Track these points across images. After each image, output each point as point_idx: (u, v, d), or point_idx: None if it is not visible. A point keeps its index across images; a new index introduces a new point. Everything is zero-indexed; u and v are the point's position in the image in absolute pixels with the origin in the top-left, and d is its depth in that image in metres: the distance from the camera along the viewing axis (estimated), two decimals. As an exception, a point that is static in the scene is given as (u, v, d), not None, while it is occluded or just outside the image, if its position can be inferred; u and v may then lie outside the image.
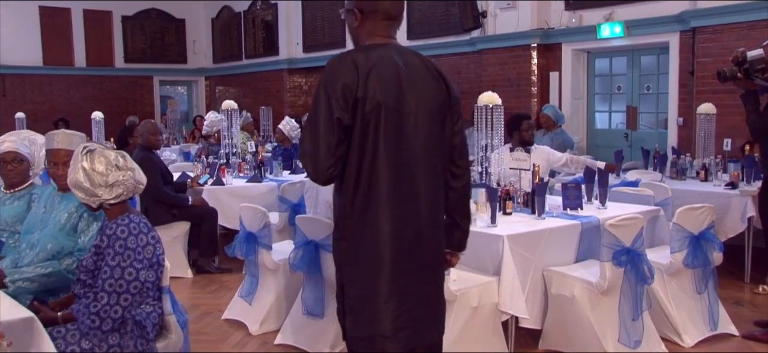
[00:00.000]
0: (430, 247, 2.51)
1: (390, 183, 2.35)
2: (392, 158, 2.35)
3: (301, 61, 14.02)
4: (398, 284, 2.40)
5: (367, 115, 2.31)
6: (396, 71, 2.39)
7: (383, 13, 2.47)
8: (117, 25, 15.68)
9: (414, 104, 2.42)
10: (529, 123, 6.01)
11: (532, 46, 9.57)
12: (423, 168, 2.45)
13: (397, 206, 2.37)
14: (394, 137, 2.36)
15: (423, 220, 2.45)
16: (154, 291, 2.97)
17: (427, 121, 2.45)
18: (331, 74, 2.32)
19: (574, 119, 9.54)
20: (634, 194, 5.31)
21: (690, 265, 4.36)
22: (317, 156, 2.28)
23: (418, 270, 2.46)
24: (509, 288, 3.98)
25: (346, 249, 2.43)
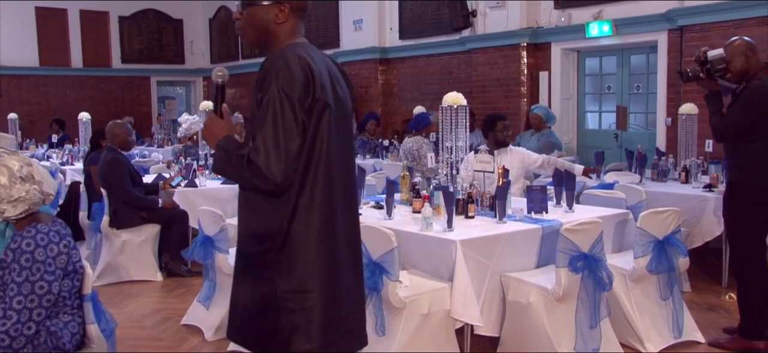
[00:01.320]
0: (357, 253, 2.51)
1: (331, 185, 2.29)
2: (332, 164, 2.29)
3: (296, 61, 13.93)
4: (335, 287, 2.34)
5: (319, 117, 2.23)
6: (328, 72, 2.33)
7: (305, 9, 2.39)
8: (114, 26, 15.68)
9: (343, 104, 2.38)
10: (505, 124, 5.90)
11: (521, 45, 9.44)
12: (352, 173, 2.46)
13: (346, 207, 2.37)
14: (335, 139, 2.30)
15: (354, 223, 2.47)
16: (73, 300, 2.87)
17: (348, 122, 2.44)
18: (291, 76, 2.14)
19: (564, 120, 9.40)
20: (605, 197, 5.18)
21: (654, 271, 4.23)
22: (288, 162, 2.12)
23: (350, 272, 2.42)
24: (462, 294, 3.87)
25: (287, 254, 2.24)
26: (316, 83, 2.19)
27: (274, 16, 2.31)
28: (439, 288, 3.92)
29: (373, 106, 11.72)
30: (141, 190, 6.15)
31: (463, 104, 4.91)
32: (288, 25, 2.33)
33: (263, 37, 2.35)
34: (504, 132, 5.86)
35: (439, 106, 5.03)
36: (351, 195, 2.45)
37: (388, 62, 11.86)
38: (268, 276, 2.25)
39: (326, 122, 2.24)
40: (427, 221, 4.17)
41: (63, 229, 2.88)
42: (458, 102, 4.89)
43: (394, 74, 11.90)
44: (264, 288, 2.26)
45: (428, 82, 11.26)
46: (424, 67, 11.32)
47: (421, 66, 11.38)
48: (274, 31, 2.33)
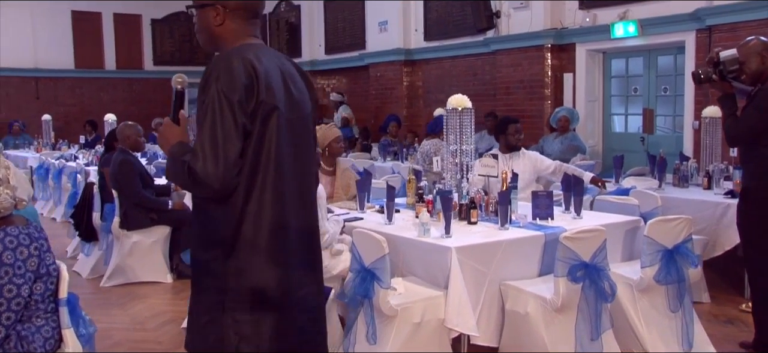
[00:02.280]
0: (317, 258, 2.44)
1: (280, 195, 2.20)
2: (283, 169, 2.21)
3: (323, 62, 13.94)
4: (291, 298, 2.25)
5: (265, 120, 2.14)
6: (281, 74, 2.24)
7: (250, 10, 2.28)
8: (146, 28, 15.89)
9: (297, 107, 2.29)
10: (516, 127, 5.76)
11: (545, 46, 9.26)
12: (308, 175, 2.37)
13: (302, 213, 2.28)
14: (285, 142, 2.21)
15: (311, 227, 2.38)
16: (47, 304, 2.84)
17: (305, 125, 2.35)
18: (232, 77, 2.08)
19: (589, 123, 9.19)
20: (618, 203, 5.00)
21: (662, 281, 4.06)
22: (227, 166, 2.05)
23: (308, 281, 2.33)
24: (457, 303, 3.75)
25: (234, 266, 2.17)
26: (261, 85, 2.10)
27: (212, 18, 2.26)
28: (434, 296, 3.81)
29: (398, 108, 11.63)
30: (152, 191, 6.16)
31: (468, 107, 4.79)
32: (230, 27, 2.26)
33: (210, 40, 2.32)
34: (515, 135, 5.72)
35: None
36: (309, 200, 2.37)
37: (413, 64, 11.76)
38: (217, 285, 2.19)
39: (274, 126, 2.15)
40: (424, 227, 4.06)
41: (36, 232, 2.85)
42: (463, 104, 4.77)
43: (418, 76, 11.80)
44: (213, 297, 2.20)
45: (453, 84, 11.12)
46: (449, 69, 11.20)
47: (446, 68, 11.26)
48: (218, 34, 2.28)
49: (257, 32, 2.33)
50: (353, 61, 12.90)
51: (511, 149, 5.76)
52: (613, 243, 4.46)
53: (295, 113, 2.27)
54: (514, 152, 5.77)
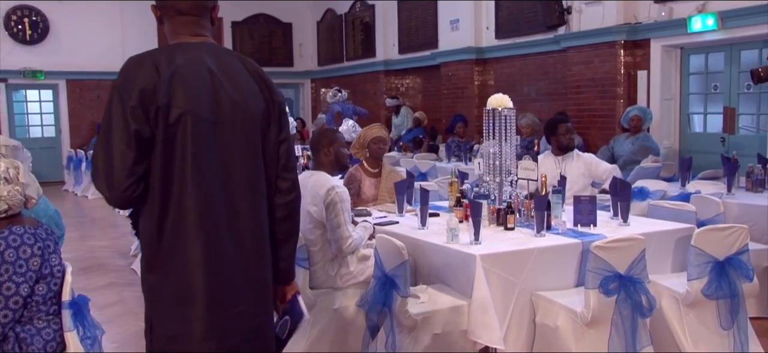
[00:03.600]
0: (256, 276, 2.18)
1: (202, 204, 2.03)
2: (205, 175, 2.04)
3: (397, 62, 13.85)
4: (216, 320, 2.07)
5: (172, 126, 1.99)
6: (206, 75, 2.08)
7: (174, 9, 2.16)
8: (227, 31, 16.25)
9: (230, 111, 2.10)
10: (567, 126, 5.48)
11: (618, 42, 8.82)
12: (244, 185, 2.13)
13: (213, 231, 2.05)
14: (206, 150, 2.04)
15: (245, 245, 2.13)
16: (49, 306, 2.86)
17: (247, 130, 2.14)
18: (127, 78, 2.00)
19: (664, 122, 8.70)
20: (673, 210, 4.67)
21: (711, 295, 3.74)
22: (112, 175, 1.96)
23: (241, 302, 2.13)
24: (481, 313, 3.57)
25: (153, 283, 2.10)
26: (162, 89, 1.97)
27: (156, 17, 2.20)
28: (457, 305, 3.64)
29: (469, 107, 11.39)
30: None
31: (509, 107, 4.57)
32: (168, 25, 2.17)
33: (165, 38, 2.22)
34: (567, 135, 5.44)
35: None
36: (247, 207, 2.15)
37: (484, 63, 11.50)
38: (146, 292, 2.12)
39: (188, 131, 2.00)
40: (452, 232, 3.90)
41: (44, 234, 2.88)
42: (503, 104, 4.55)
43: (490, 75, 11.52)
44: (147, 306, 2.14)
45: (524, 83, 10.82)
46: (520, 68, 10.88)
47: (517, 66, 10.95)
48: (163, 32, 2.20)
49: (200, 30, 2.19)
50: (425, 60, 12.75)
51: (564, 150, 5.48)
52: (662, 253, 4.17)
53: (227, 115, 2.10)
54: (567, 153, 5.49)
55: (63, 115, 15.20)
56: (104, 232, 8.89)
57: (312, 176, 4.17)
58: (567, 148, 5.46)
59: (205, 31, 2.21)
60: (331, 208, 3.91)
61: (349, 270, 4.06)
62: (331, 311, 4.01)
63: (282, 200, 2.27)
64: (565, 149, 5.46)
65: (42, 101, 15.25)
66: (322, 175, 4.12)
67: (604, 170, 5.45)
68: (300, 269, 4.00)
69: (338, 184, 4.07)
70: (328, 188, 3.96)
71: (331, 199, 3.92)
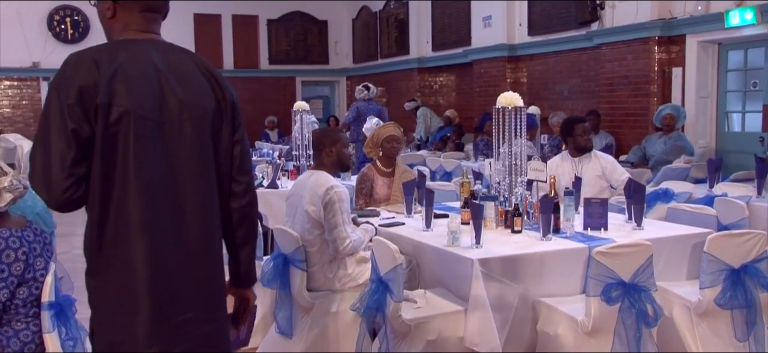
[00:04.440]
0: (205, 281, 2.07)
1: (146, 207, 1.94)
2: (148, 177, 1.95)
3: (430, 59, 13.70)
4: (162, 326, 1.98)
5: (113, 125, 1.90)
6: (152, 72, 1.99)
7: (142, 4, 2.06)
8: (262, 29, 16.32)
9: (177, 110, 2.00)
10: (584, 127, 5.29)
11: (652, 38, 8.53)
12: (192, 187, 2.03)
13: (157, 234, 1.96)
14: (151, 151, 1.96)
15: (193, 249, 2.03)
16: (28, 308, 2.83)
17: (197, 130, 2.04)
18: (65, 76, 1.91)
19: (700, 121, 8.38)
20: (692, 213, 4.45)
21: (724, 305, 3.54)
22: (49, 177, 1.88)
23: (189, 308, 2.03)
24: (478, 319, 3.45)
25: (95, 287, 2.00)
26: (103, 86, 1.88)
27: (105, 10, 2.08)
28: (453, 311, 3.52)
29: (501, 106, 11.18)
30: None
31: (520, 105, 4.41)
32: (121, 20, 2.06)
33: (106, 33, 2.12)
34: (584, 136, 5.25)
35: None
36: (196, 210, 2.04)
37: (517, 60, 11.28)
38: (89, 297, 2.02)
39: (129, 130, 1.91)
40: (453, 235, 3.77)
41: (32, 235, 2.85)
42: (513, 103, 4.39)
43: (522, 72, 11.30)
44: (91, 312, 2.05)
45: (557, 80, 10.57)
46: (553, 65, 10.64)
47: (549, 63, 10.71)
48: (109, 27, 2.09)
49: (153, 27, 2.10)
50: (458, 57, 12.57)
51: (581, 152, 5.29)
52: (677, 259, 3.99)
53: (174, 115, 2.00)
54: (584, 154, 5.30)
55: (102, 113, 15.47)
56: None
57: (312, 175, 4.09)
58: (584, 149, 5.27)
59: (157, 28, 2.12)
60: (329, 207, 3.83)
61: (347, 272, 3.97)
62: (329, 314, 3.93)
63: (237, 204, 2.18)
64: (582, 149, 5.27)
65: (82, 99, 15.55)
66: (322, 174, 4.04)
67: (621, 174, 5.22)
68: (297, 271, 3.93)
69: (338, 183, 3.98)
70: (326, 187, 3.89)
71: (330, 198, 3.84)
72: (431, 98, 14.04)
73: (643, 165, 7.71)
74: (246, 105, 16.09)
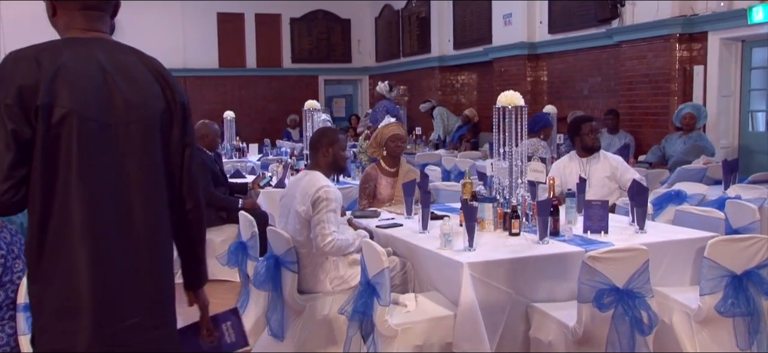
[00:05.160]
0: (152, 287, 2.02)
1: (89, 210, 1.88)
2: (92, 180, 1.89)
3: (452, 58, 13.58)
4: (104, 333, 1.92)
5: (54, 127, 1.84)
6: (98, 73, 1.93)
7: (81, 3, 1.99)
8: (285, 27, 16.32)
9: (124, 112, 1.95)
10: (591, 126, 5.16)
11: (673, 36, 8.32)
12: (139, 190, 1.98)
13: (100, 238, 1.90)
14: (95, 153, 1.90)
15: (140, 253, 1.98)
16: (5, 311, 2.82)
17: (145, 133, 1.99)
18: (4, 75, 1.84)
19: (722, 120, 8.15)
20: (700, 216, 4.31)
21: (725, 313, 3.40)
22: None
23: (134, 314, 1.97)
24: (468, 324, 3.36)
25: (36, 293, 1.94)
26: (44, 86, 1.82)
27: (47, 9, 2.03)
28: (442, 316, 3.44)
29: (521, 104, 11.03)
30: (225, 190, 6.20)
31: (520, 105, 4.30)
32: (62, 18, 2.01)
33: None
34: (591, 135, 5.12)
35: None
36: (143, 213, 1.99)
37: (537, 58, 11.11)
38: (30, 303, 1.97)
39: (72, 132, 1.85)
40: (445, 237, 3.69)
41: (9, 235, 2.85)
42: (514, 102, 4.29)
43: (542, 71, 11.13)
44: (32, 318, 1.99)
45: (576, 78, 10.40)
46: (573, 63, 10.46)
47: (569, 62, 10.53)
48: (54, 26, 2.04)
49: (98, 25, 2.03)
50: (479, 56, 12.44)
51: (588, 152, 5.16)
52: (681, 264, 3.87)
53: (120, 117, 1.94)
54: (592, 154, 5.17)
55: (126, 111, 15.61)
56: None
57: (306, 175, 4.04)
58: (591, 149, 5.14)
59: (104, 27, 2.05)
60: (317, 204, 3.78)
61: (339, 274, 3.91)
62: (320, 316, 3.87)
63: (187, 206, 2.14)
64: (590, 149, 5.14)
65: (107, 98, 15.71)
66: (316, 175, 3.99)
67: (631, 177, 5.07)
68: (289, 272, 3.89)
69: (330, 184, 3.92)
70: (318, 186, 3.84)
71: (318, 196, 3.79)
72: (452, 96, 13.93)
73: (662, 165, 7.53)
74: (269, 104, 16.20)
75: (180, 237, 2.16)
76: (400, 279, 3.94)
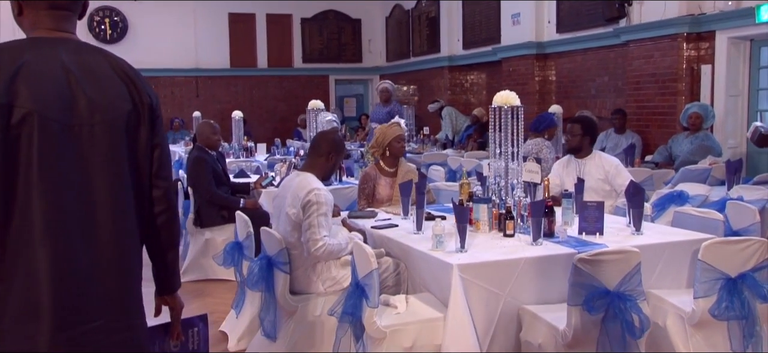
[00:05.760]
0: (117, 289, 1.99)
1: (51, 212, 1.86)
2: (54, 181, 1.87)
3: (461, 58, 13.55)
4: (65, 336, 1.89)
5: (14, 127, 1.82)
6: (61, 73, 1.90)
7: (49, 2, 1.98)
8: (296, 27, 16.36)
9: (88, 113, 1.92)
10: (569, 127, 5.23)
11: (680, 35, 8.24)
12: (104, 192, 1.95)
13: (63, 241, 1.88)
14: (57, 154, 1.87)
15: (104, 255, 1.95)
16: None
17: (110, 134, 1.96)
18: None
19: (730, 120, 8.06)
20: (699, 218, 4.26)
21: (720, 316, 3.36)
22: None
23: (98, 316, 1.94)
24: (458, 327, 3.34)
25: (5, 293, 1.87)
26: (4, 86, 1.80)
27: (13, 8, 2.02)
28: (432, 318, 3.42)
29: (529, 104, 10.93)
30: (227, 190, 6.22)
31: (517, 105, 4.27)
32: (28, 17, 2.00)
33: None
34: (566, 136, 5.16)
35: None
36: (108, 216, 1.96)
37: (545, 58, 11.06)
38: None
39: (33, 133, 1.83)
40: (437, 239, 3.68)
41: None
42: (510, 102, 4.26)
43: (551, 71, 11.07)
44: None
45: (585, 77, 10.33)
46: (581, 63, 10.40)
47: (578, 61, 10.47)
48: (20, 25, 2.03)
49: (64, 25, 2.02)
50: (487, 55, 12.40)
51: (572, 152, 5.17)
52: (677, 266, 3.83)
53: (84, 118, 1.92)
54: (589, 155, 5.13)
55: (138, 111, 15.69)
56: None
57: (298, 176, 4.03)
58: (571, 149, 5.15)
59: (71, 27, 2.04)
60: (307, 208, 3.78)
61: (331, 275, 3.90)
62: (312, 317, 3.87)
63: (157, 209, 2.12)
64: (570, 150, 5.17)
65: (119, 98, 15.79)
66: (308, 177, 3.98)
67: (623, 182, 4.96)
68: (281, 273, 3.89)
69: (321, 187, 3.91)
70: (309, 189, 3.83)
71: (309, 199, 3.78)
72: (462, 96, 13.89)
73: (668, 166, 7.46)
74: (279, 103, 16.23)
75: (151, 241, 2.15)
76: (394, 280, 3.93)
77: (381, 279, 3.79)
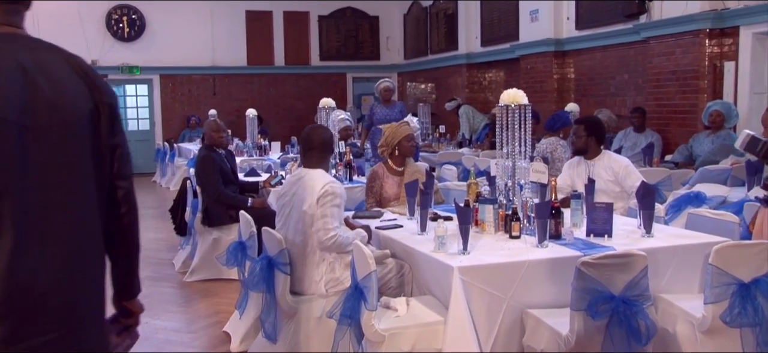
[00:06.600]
0: (77, 298, 1.87)
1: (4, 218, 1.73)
2: (9, 186, 1.74)
3: (479, 55, 13.40)
4: (18, 349, 1.76)
5: None
6: (17, 73, 1.78)
7: None
8: (313, 25, 16.32)
9: (47, 114, 1.80)
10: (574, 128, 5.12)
11: (703, 31, 8.03)
12: (62, 196, 1.83)
13: (16, 248, 1.74)
14: (12, 157, 1.75)
15: (63, 264, 1.83)
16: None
17: (69, 135, 1.85)
18: None
19: (754, 118, 7.81)
20: (714, 220, 4.10)
21: (731, 323, 3.22)
22: None
23: (53, 328, 1.81)
24: (458, 331, 3.24)
25: None
26: None
27: None
28: (432, 322, 3.33)
29: (547, 102, 10.80)
30: (235, 189, 6.16)
31: (524, 104, 4.15)
32: None
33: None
34: (572, 137, 5.04)
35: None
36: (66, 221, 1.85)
37: (564, 55, 10.88)
38: None
39: None
40: (439, 240, 3.58)
41: None
42: (517, 100, 4.14)
43: (569, 68, 10.89)
44: None
45: (605, 75, 10.14)
46: (601, 60, 10.20)
47: (597, 58, 10.28)
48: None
49: (14, 20, 1.88)
50: (505, 53, 12.24)
51: (578, 153, 5.06)
52: (689, 270, 3.69)
53: (42, 119, 1.80)
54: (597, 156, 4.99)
55: (156, 109, 15.75)
56: (167, 224, 9.02)
57: (307, 173, 3.97)
58: (577, 151, 5.04)
59: (20, 21, 1.90)
60: (322, 199, 3.78)
61: (334, 276, 3.83)
62: (313, 318, 3.79)
63: (121, 210, 2.02)
64: (576, 152, 5.05)
65: (138, 95, 15.87)
66: (319, 172, 3.97)
67: (634, 184, 4.77)
68: (281, 274, 3.81)
69: (335, 180, 3.93)
70: (325, 181, 3.85)
71: (325, 190, 3.80)
72: (480, 94, 13.74)
73: (688, 166, 7.28)
74: (296, 101, 16.20)
75: (115, 244, 2.05)
76: (397, 281, 3.85)
77: (384, 281, 3.72)
